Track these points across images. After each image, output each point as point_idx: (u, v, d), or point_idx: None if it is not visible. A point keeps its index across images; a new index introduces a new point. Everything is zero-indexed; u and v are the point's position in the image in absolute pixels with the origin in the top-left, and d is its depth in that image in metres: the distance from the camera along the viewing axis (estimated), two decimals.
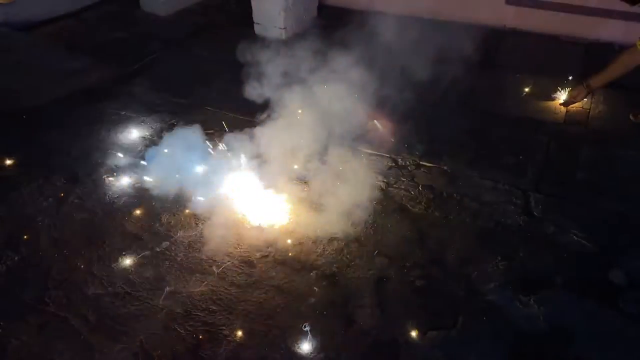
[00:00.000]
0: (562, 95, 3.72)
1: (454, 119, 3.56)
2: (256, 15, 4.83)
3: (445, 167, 3.09)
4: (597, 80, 3.29)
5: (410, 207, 2.81)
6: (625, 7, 4.01)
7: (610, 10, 4.50)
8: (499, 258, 2.49)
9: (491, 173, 3.05)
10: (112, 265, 2.51)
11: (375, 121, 3.41)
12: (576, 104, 3.57)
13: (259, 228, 2.70)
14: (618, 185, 2.96)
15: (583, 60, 4.33)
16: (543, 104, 3.73)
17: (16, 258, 2.55)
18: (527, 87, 3.91)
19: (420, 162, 3.14)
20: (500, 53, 4.54)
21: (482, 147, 3.28)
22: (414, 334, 2.16)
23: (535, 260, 2.49)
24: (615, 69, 3.16)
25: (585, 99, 3.53)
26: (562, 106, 3.58)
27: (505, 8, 4.88)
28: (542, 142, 3.32)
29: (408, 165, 3.11)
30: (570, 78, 3.84)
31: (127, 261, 2.53)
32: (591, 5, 4.59)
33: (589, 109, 3.63)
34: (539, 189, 2.93)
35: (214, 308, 2.29)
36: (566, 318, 2.22)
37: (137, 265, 2.51)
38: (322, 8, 5.21)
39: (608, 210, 2.78)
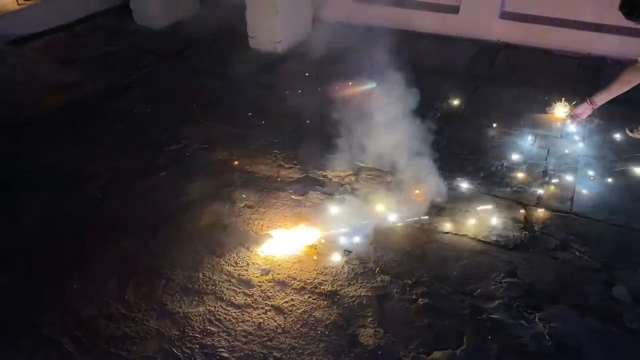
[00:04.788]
0: (558, 108, 3.73)
1: (450, 133, 3.54)
2: (251, 29, 4.82)
3: (444, 182, 3.06)
4: (602, 97, 3.30)
5: (411, 223, 2.77)
6: (618, 22, 4.06)
7: (603, 24, 4.56)
8: (502, 275, 2.45)
9: (490, 187, 3.03)
10: (106, 286, 2.43)
11: (372, 135, 3.38)
12: (580, 120, 3.56)
13: (257, 246, 2.64)
14: (618, 200, 2.94)
15: (577, 73, 4.36)
16: (538, 118, 3.73)
17: (6, 279, 2.47)
18: (522, 100, 3.92)
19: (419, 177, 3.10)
20: (494, 67, 4.55)
21: (480, 162, 3.26)
22: (419, 354, 2.10)
23: (538, 276, 2.45)
24: (619, 86, 3.17)
25: (589, 115, 3.52)
26: (568, 122, 3.57)
27: (498, 22, 4.91)
28: (540, 156, 3.32)
29: (407, 180, 3.07)
30: (557, 92, 3.87)
31: (121, 281, 2.46)
32: (584, 19, 4.64)
33: (585, 123, 3.63)
34: (539, 203, 2.91)
35: (212, 329, 2.22)
36: (571, 336, 2.18)
37: (132, 285, 2.43)
38: (316, 22, 5.21)
39: (609, 225, 2.76)
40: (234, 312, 2.29)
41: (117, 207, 2.93)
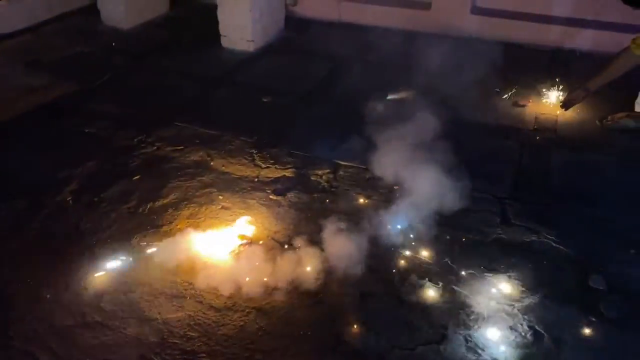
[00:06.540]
0: (530, 100, 3.79)
1: (425, 128, 3.55)
2: (223, 28, 4.75)
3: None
4: (595, 83, 3.34)
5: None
6: (589, 16, 4.14)
7: (574, 18, 4.64)
8: (482, 267, 2.47)
9: (466, 181, 3.04)
10: (81, 294, 2.37)
11: (349, 133, 3.37)
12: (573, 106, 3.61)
13: (236, 248, 2.61)
14: (590, 189, 3.00)
15: (549, 67, 4.42)
16: (511, 111, 3.78)
17: None
18: (495, 94, 3.97)
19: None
20: (467, 62, 4.58)
21: (454, 155, 3.26)
22: (403, 350, 2.10)
23: (516, 268, 2.47)
24: (613, 71, 3.21)
25: (583, 101, 3.57)
26: (562, 108, 3.61)
27: (470, 17, 4.95)
28: (514, 148, 3.35)
29: (384, 177, 3.07)
30: (528, 85, 3.92)
31: (98, 288, 2.39)
32: (554, 14, 4.72)
33: (557, 115, 3.69)
34: (514, 196, 2.94)
35: (192, 334, 2.18)
36: (550, 326, 2.20)
37: (109, 292, 2.37)
38: (288, 19, 5.17)
39: (583, 215, 2.80)
40: (214, 316, 2.25)
41: (91, 212, 2.85)
